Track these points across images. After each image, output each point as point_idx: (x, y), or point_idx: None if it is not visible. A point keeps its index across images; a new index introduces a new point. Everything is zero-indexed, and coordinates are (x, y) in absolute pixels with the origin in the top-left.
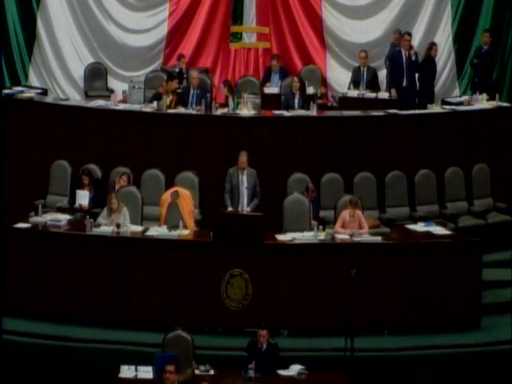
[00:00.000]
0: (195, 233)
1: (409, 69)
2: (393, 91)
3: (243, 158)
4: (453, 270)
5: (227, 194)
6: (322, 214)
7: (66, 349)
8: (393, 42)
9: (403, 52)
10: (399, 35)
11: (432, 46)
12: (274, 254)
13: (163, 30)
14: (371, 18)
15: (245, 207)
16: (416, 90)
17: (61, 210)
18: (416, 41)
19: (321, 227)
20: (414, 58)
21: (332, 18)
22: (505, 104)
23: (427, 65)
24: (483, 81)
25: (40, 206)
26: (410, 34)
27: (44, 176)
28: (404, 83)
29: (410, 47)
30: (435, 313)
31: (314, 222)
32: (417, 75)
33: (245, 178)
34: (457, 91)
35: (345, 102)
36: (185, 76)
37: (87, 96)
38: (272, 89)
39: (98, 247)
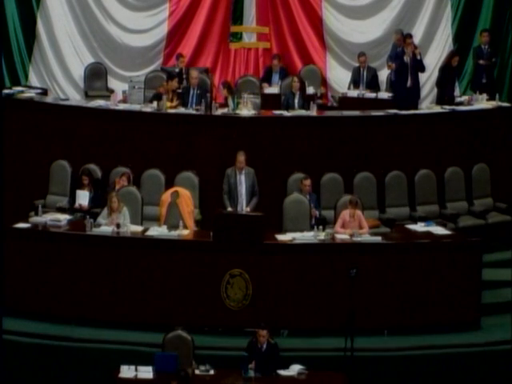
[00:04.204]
0: (195, 233)
1: (413, 68)
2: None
3: (241, 157)
4: (453, 270)
5: (226, 194)
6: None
7: (67, 349)
8: (394, 43)
9: (408, 52)
10: (401, 36)
11: (453, 55)
12: (274, 254)
13: (163, 30)
14: (371, 18)
15: (244, 207)
16: (419, 91)
17: (61, 209)
18: (416, 41)
19: (321, 227)
20: (418, 57)
21: (332, 18)
22: (505, 104)
23: (448, 72)
24: (490, 82)
25: (40, 205)
26: (410, 36)
27: (44, 176)
28: (408, 83)
29: (415, 47)
30: (435, 313)
31: (315, 212)
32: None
33: (243, 177)
34: (457, 91)
35: (345, 101)
36: (185, 76)
37: (87, 96)
38: (272, 89)
39: (98, 247)
